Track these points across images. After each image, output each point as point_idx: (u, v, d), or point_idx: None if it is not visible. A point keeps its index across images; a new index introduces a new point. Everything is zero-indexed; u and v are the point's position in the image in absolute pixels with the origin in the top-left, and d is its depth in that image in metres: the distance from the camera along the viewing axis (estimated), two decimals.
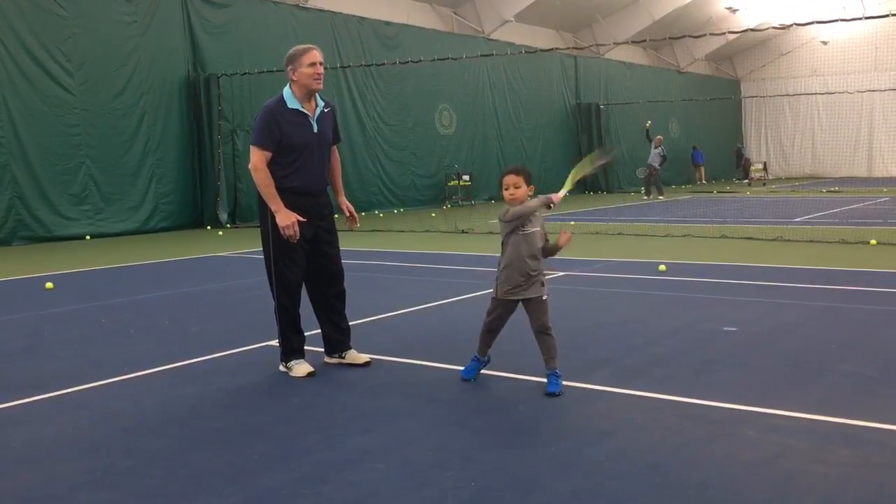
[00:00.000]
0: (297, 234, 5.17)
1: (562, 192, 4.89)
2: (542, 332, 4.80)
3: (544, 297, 4.82)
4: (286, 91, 5.32)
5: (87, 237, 15.79)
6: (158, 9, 17.40)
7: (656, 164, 24.89)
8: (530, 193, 4.87)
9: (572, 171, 5.16)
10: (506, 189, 4.83)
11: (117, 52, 16.66)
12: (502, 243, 4.89)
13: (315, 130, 5.34)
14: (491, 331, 4.98)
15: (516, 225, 4.77)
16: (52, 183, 15.58)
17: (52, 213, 15.57)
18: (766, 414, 4.25)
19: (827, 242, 11.70)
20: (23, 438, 4.24)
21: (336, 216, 5.68)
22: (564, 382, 4.87)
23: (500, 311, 4.89)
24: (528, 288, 4.76)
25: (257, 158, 5.20)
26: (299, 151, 5.26)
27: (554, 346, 4.80)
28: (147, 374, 5.44)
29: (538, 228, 4.84)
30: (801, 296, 7.73)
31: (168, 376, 5.41)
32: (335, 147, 5.63)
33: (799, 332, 6.21)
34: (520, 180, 4.81)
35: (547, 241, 4.92)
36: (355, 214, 5.74)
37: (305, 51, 5.26)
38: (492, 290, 4.96)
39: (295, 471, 3.67)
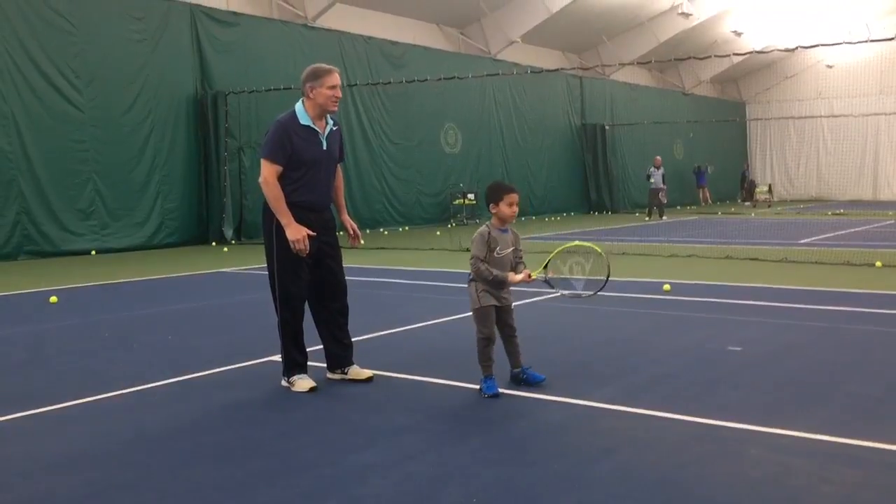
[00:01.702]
0: (308, 248, 5.18)
1: (520, 276, 5.15)
2: (513, 334, 5.28)
3: (512, 305, 5.32)
4: (298, 107, 5.33)
5: (93, 252, 15.82)
6: (167, 26, 17.53)
7: (662, 185, 25.08)
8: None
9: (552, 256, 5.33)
10: (510, 206, 5.18)
11: (126, 68, 16.77)
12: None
13: (324, 148, 5.36)
14: (491, 340, 5.13)
15: (490, 249, 5.13)
16: (58, 198, 15.63)
17: (59, 228, 15.61)
18: (771, 434, 4.21)
19: (832, 264, 11.66)
20: (22, 451, 4.22)
21: (340, 233, 5.69)
22: (567, 399, 4.88)
23: (490, 319, 5.16)
24: (506, 294, 5.21)
25: (268, 172, 5.20)
26: (308, 167, 5.28)
27: (518, 345, 5.31)
28: (148, 388, 5.42)
29: (510, 250, 5.19)
30: (806, 316, 7.70)
31: (170, 390, 5.40)
32: (338, 165, 5.66)
33: (804, 352, 6.17)
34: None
35: (515, 267, 5.26)
36: (358, 232, 5.75)
37: (328, 72, 5.28)
38: (473, 304, 5.19)
39: (296, 485, 3.65)
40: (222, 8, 18.92)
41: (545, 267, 5.27)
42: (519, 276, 5.12)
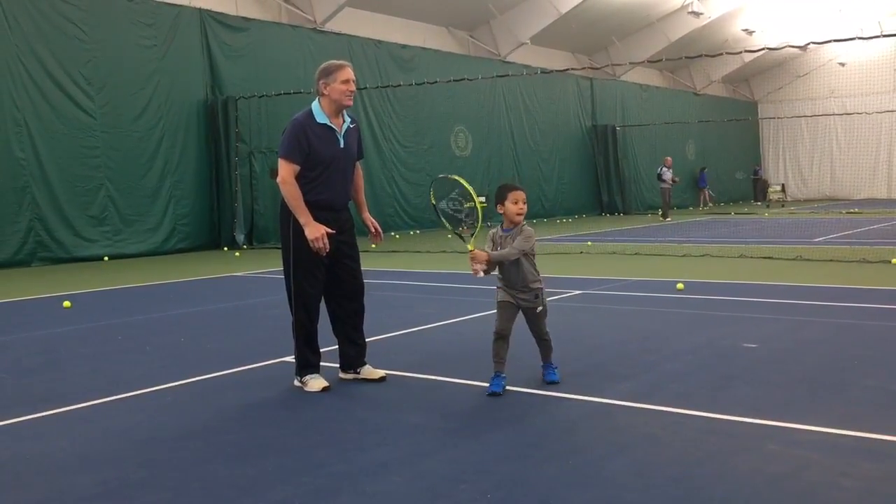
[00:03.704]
0: (327, 246, 5.15)
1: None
2: (540, 338, 5.23)
3: (538, 309, 5.15)
4: (315, 105, 5.31)
5: (106, 258, 15.88)
6: (178, 32, 17.61)
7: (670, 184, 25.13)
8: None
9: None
10: (515, 203, 5.13)
11: (137, 75, 16.85)
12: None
13: (341, 146, 5.34)
14: (502, 337, 5.05)
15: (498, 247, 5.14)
16: (71, 204, 15.71)
17: (72, 234, 15.69)
18: (788, 428, 4.16)
19: (847, 261, 11.57)
20: (37, 451, 4.22)
21: (360, 238, 5.66)
22: (582, 397, 4.85)
23: (503, 315, 5.08)
24: (524, 296, 5.07)
25: (286, 172, 5.19)
26: (325, 166, 5.26)
27: (550, 348, 5.26)
28: (162, 389, 5.42)
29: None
30: (822, 313, 7.63)
31: (183, 391, 5.40)
32: (358, 163, 5.64)
33: (821, 348, 6.11)
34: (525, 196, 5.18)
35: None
36: (380, 230, 5.73)
37: (340, 67, 5.26)
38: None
39: (309, 483, 3.63)
40: (232, 13, 18.99)
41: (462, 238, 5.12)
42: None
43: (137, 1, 16.91)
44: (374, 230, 5.67)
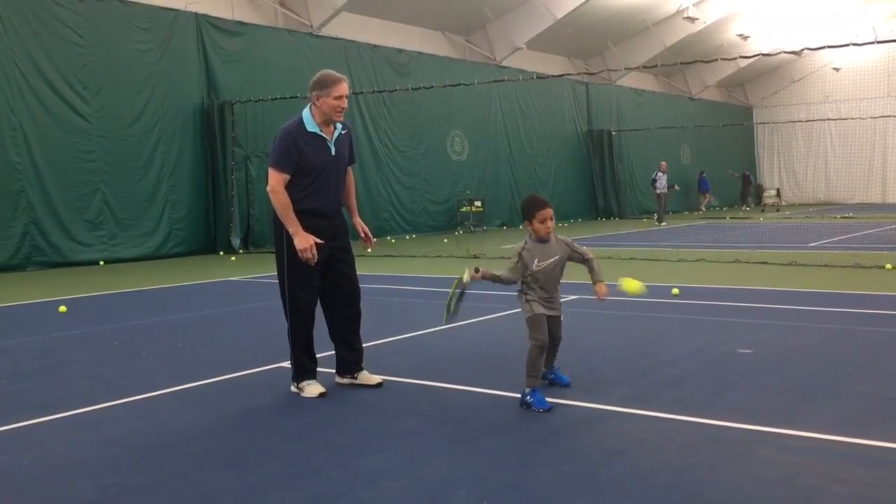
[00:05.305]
0: (315, 256, 5.16)
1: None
2: (557, 343, 5.28)
3: (561, 316, 5.29)
4: (305, 113, 5.32)
5: (101, 263, 15.87)
6: (174, 37, 17.62)
7: (666, 189, 25.21)
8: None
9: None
10: (542, 223, 5.07)
11: (133, 79, 16.85)
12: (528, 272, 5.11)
13: (332, 153, 5.35)
14: (545, 348, 5.04)
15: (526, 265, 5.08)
16: (67, 209, 15.70)
17: (67, 238, 15.67)
18: (782, 434, 4.20)
19: (841, 267, 11.62)
20: (34, 457, 4.23)
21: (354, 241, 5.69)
22: (578, 403, 4.88)
23: (544, 327, 5.05)
24: (556, 305, 5.19)
25: (275, 181, 5.20)
26: (317, 174, 5.27)
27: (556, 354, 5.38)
28: (159, 395, 5.43)
29: (552, 260, 5.10)
30: (816, 319, 7.67)
31: (180, 397, 5.41)
32: (349, 168, 5.65)
33: (815, 354, 6.15)
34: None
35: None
36: (370, 235, 5.75)
37: (336, 82, 5.22)
38: (527, 312, 5.05)
39: (307, 489, 3.65)
40: (228, 17, 19.00)
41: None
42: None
43: (133, 5, 16.92)
44: (364, 235, 5.69)
